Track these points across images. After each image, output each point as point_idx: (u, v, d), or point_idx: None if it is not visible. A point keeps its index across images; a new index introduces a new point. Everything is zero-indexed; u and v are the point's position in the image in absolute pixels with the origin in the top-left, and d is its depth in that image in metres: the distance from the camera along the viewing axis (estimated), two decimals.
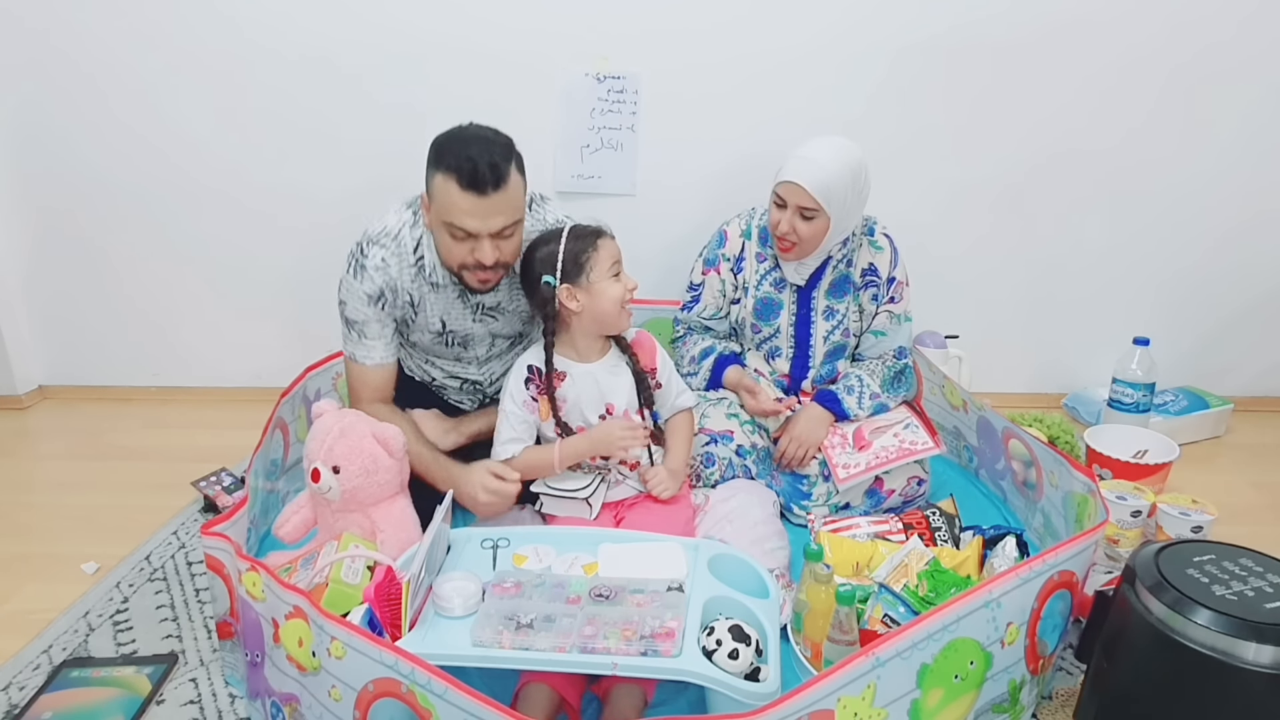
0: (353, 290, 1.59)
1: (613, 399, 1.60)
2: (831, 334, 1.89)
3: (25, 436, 2.29)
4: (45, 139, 2.24)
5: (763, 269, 1.89)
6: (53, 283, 2.39)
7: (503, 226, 1.47)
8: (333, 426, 1.45)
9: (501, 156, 1.44)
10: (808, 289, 1.87)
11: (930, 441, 1.77)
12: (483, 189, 1.41)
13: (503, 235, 1.48)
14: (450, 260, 1.53)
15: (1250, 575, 1.11)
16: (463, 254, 1.50)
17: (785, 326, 1.90)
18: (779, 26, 2.15)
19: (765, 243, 1.89)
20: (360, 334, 1.62)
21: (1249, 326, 2.42)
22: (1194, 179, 2.28)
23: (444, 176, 1.43)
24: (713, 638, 1.16)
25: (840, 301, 1.88)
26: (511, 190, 1.45)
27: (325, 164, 2.25)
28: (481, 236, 1.46)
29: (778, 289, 1.88)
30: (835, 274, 1.87)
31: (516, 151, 1.49)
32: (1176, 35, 2.15)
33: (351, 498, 1.45)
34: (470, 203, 1.42)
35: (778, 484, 1.81)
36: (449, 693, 0.96)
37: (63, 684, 1.32)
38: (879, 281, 1.88)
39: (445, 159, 1.43)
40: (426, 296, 1.63)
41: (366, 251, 1.58)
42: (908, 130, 2.23)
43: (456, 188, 1.42)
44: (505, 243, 1.50)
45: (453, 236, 1.48)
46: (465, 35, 2.15)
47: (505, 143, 1.48)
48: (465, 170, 1.41)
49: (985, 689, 1.15)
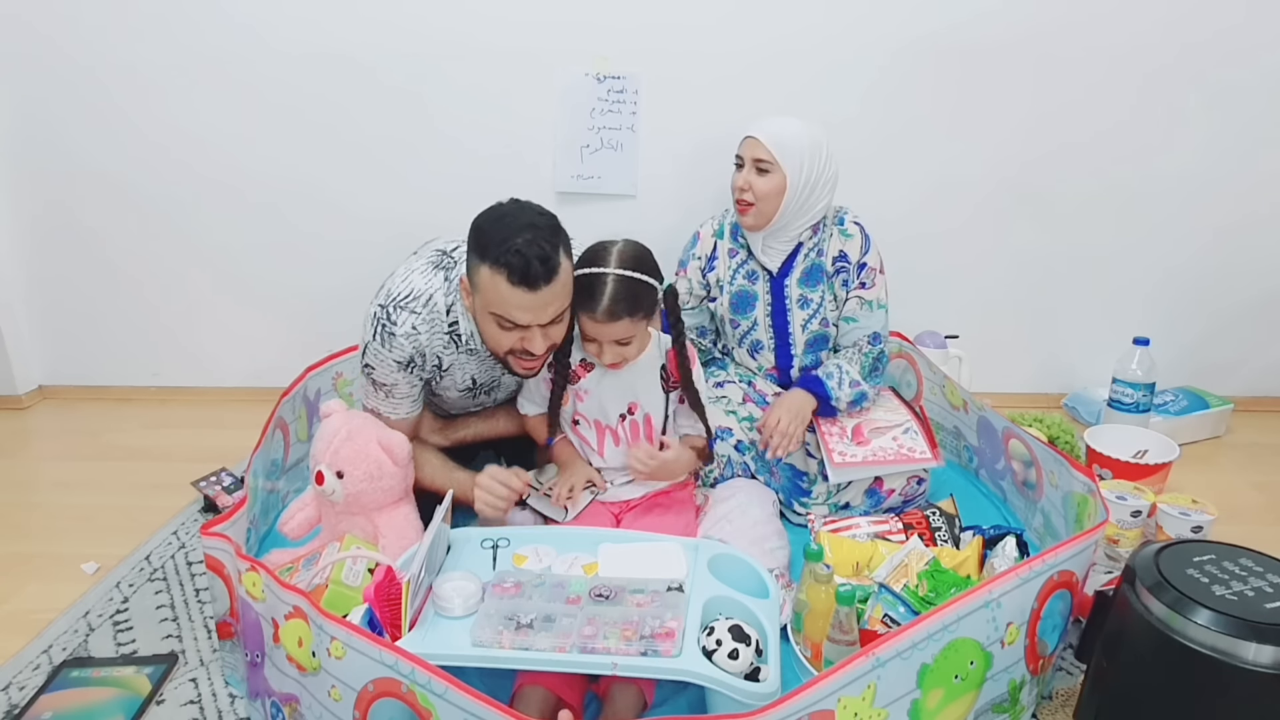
0: (381, 358, 1.52)
1: (637, 398, 1.59)
2: (809, 322, 1.90)
3: (25, 436, 2.30)
4: (45, 138, 2.24)
5: (735, 263, 1.91)
6: (53, 282, 2.39)
7: (554, 316, 1.41)
8: (340, 429, 1.45)
9: (551, 246, 1.35)
10: (780, 278, 1.88)
11: (929, 453, 1.76)
12: (535, 285, 1.34)
13: (553, 323, 1.43)
14: (497, 348, 1.47)
15: (1250, 575, 1.11)
16: (510, 342, 1.43)
17: (762, 318, 1.91)
18: (779, 26, 2.15)
19: (735, 238, 1.91)
20: (388, 394, 1.56)
21: (1249, 326, 2.43)
22: (1194, 178, 2.28)
23: (491, 270, 1.35)
24: (713, 638, 1.16)
25: (814, 290, 1.89)
26: (562, 279, 1.38)
27: (327, 164, 2.25)
28: (532, 327, 1.40)
29: (751, 281, 1.90)
30: (807, 262, 1.88)
31: (563, 232, 1.41)
32: (1176, 34, 2.15)
33: (355, 502, 1.45)
34: (521, 298, 1.35)
35: (777, 481, 1.81)
36: (449, 692, 0.96)
37: (63, 684, 1.32)
38: (849, 267, 1.88)
39: (491, 251, 1.34)
40: (458, 360, 1.58)
41: (395, 318, 1.51)
42: (908, 130, 2.23)
43: (506, 284, 1.34)
44: (554, 328, 1.44)
45: (500, 327, 1.41)
46: (468, 32, 2.15)
47: (552, 226, 1.39)
48: (516, 266, 1.32)
49: (985, 689, 1.15)
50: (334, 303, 2.30)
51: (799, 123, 1.80)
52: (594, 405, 1.58)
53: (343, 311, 2.15)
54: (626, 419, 1.59)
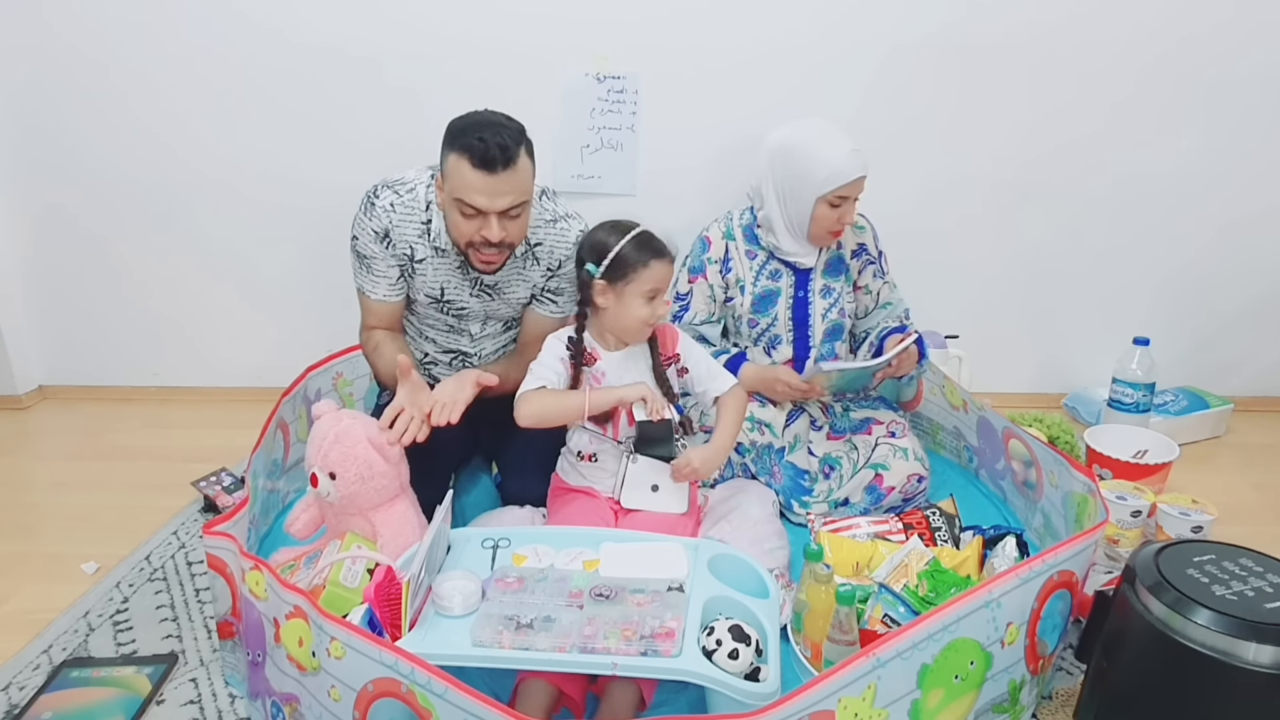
0: (363, 226, 1.67)
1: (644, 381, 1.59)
2: (829, 312, 1.91)
3: (25, 436, 2.30)
4: (45, 136, 2.24)
5: (756, 265, 1.90)
6: (53, 282, 2.39)
7: (510, 205, 1.53)
8: (328, 432, 1.45)
9: (512, 140, 1.51)
10: (807, 270, 1.90)
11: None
12: (493, 168, 1.49)
13: (509, 215, 1.55)
14: (459, 237, 1.60)
15: (1250, 575, 1.11)
16: (470, 231, 1.56)
17: (783, 313, 1.91)
18: (779, 25, 2.15)
19: (752, 240, 1.91)
20: (368, 268, 1.69)
21: (1249, 326, 2.43)
22: (1195, 178, 2.28)
23: (457, 156, 1.50)
24: (713, 638, 1.16)
25: (836, 280, 1.92)
26: (520, 172, 1.52)
27: (327, 163, 2.25)
28: (489, 214, 1.52)
29: (774, 280, 1.90)
30: (829, 253, 1.92)
31: (527, 138, 1.56)
32: (1176, 34, 2.15)
33: (350, 502, 1.44)
34: (481, 181, 1.50)
35: (778, 481, 1.81)
36: (449, 692, 0.96)
37: (63, 684, 1.32)
38: (872, 256, 1.97)
39: (459, 139, 1.51)
40: (430, 259, 1.69)
41: (379, 194, 1.66)
42: (908, 128, 2.23)
43: (468, 166, 1.49)
44: (511, 223, 1.56)
45: (462, 214, 1.54)
46: (469, 31, 2.15)
47: (517, 128, 1.55)
48: (477, 150, 1.48)
49: (985, 689, 1.15)
50: (334, 303, 2.29)
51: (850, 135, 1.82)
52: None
53: (343, 311, 2.14)
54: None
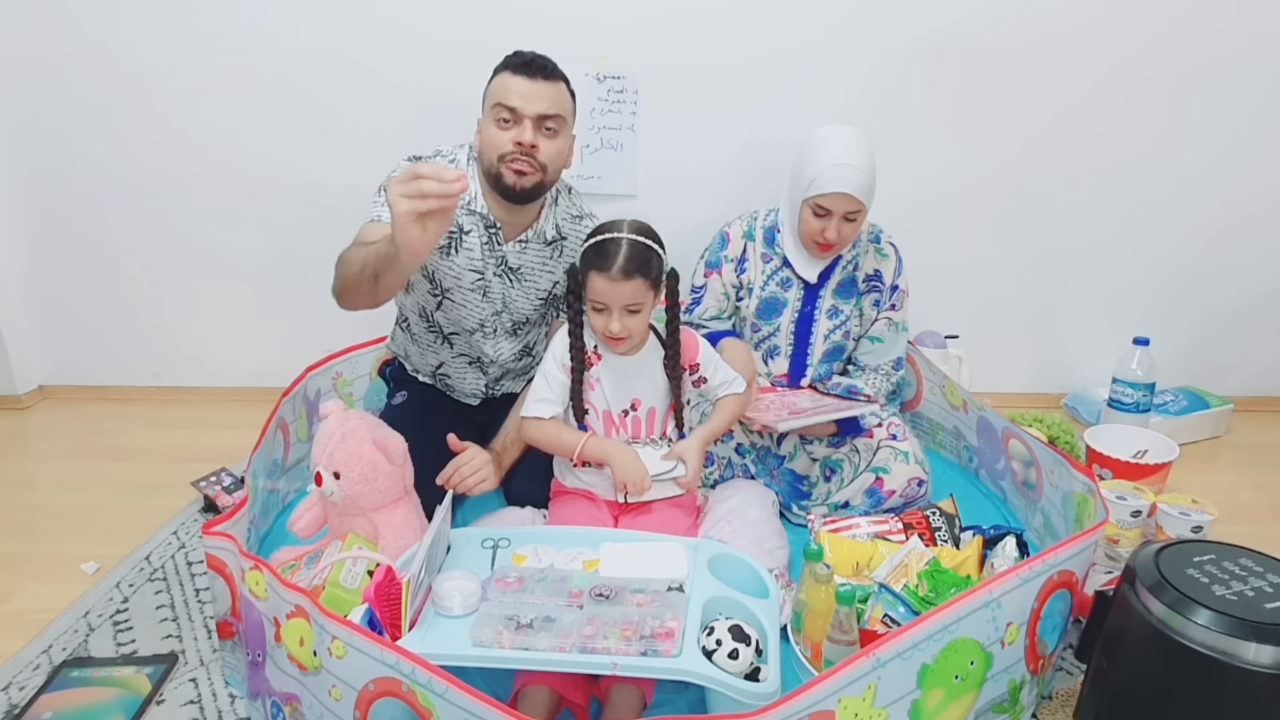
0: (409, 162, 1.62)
1: (639, 394, 1.58)
2: (832, 333, 1.89)
3: (25, 436, 2.29)
4: (44, 136, 2.24)
5: (769, 269, 1.89)
6: (53, 282, 2.39)
7: (545, 112, 1.55)
8: (335, 431, 1.45)
9: (554, 64, 1.58)
10: (816, 287, 1.88)
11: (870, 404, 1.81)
12: (533, 74, 1.54)
13: (545, 128, 1.56)
14: (492, 150, 1.57)
15: (1250, 575, 1.11)
16: (504, 141, 1.55)
17: (786, 325, 1.89)
18: (779, 25, 2.15)
19: (770, 243, 1.89)
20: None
21: (1249, 326, 2.43)
22: (1194, 178, 2.28)
23: (500, 72, 1.57)
24: (712, 638, 1.16)
25: (846, 302, 1.89)
26: (559, 89, 1.58)
27: (327, 163, 2.25)
28: (525, 119, 1.54)
29: (784, 288, 1.88)
30: (844, 274, 1.88)
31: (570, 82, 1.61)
32: (1176, 33, 2.15)
33: (353, 502, 1.44)
34: (520, 84, 1.53)
35: (777, 483, 1.81)
36: (450, 692, 0.96)
37: (63, 684, 1.32)
38: (882, 288, 1.91)
39: (505, 61, 1.57)
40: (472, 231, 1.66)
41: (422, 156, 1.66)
42: (909, 128, 2.23)
43: (509, 73, 1.55)
44: (546, 139, 1.57)
45: (498, 123, 1.55)
46: (469, 31, 2.14)
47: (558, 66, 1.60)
48: (522, 58, 1.55)
49: (985, 689, 1.15)
50: (334, 302, 2.30)
51: (865, 148, 1.74)
52: (601, 397, 1.59)
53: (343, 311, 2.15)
54: (629, 414, 1.59)
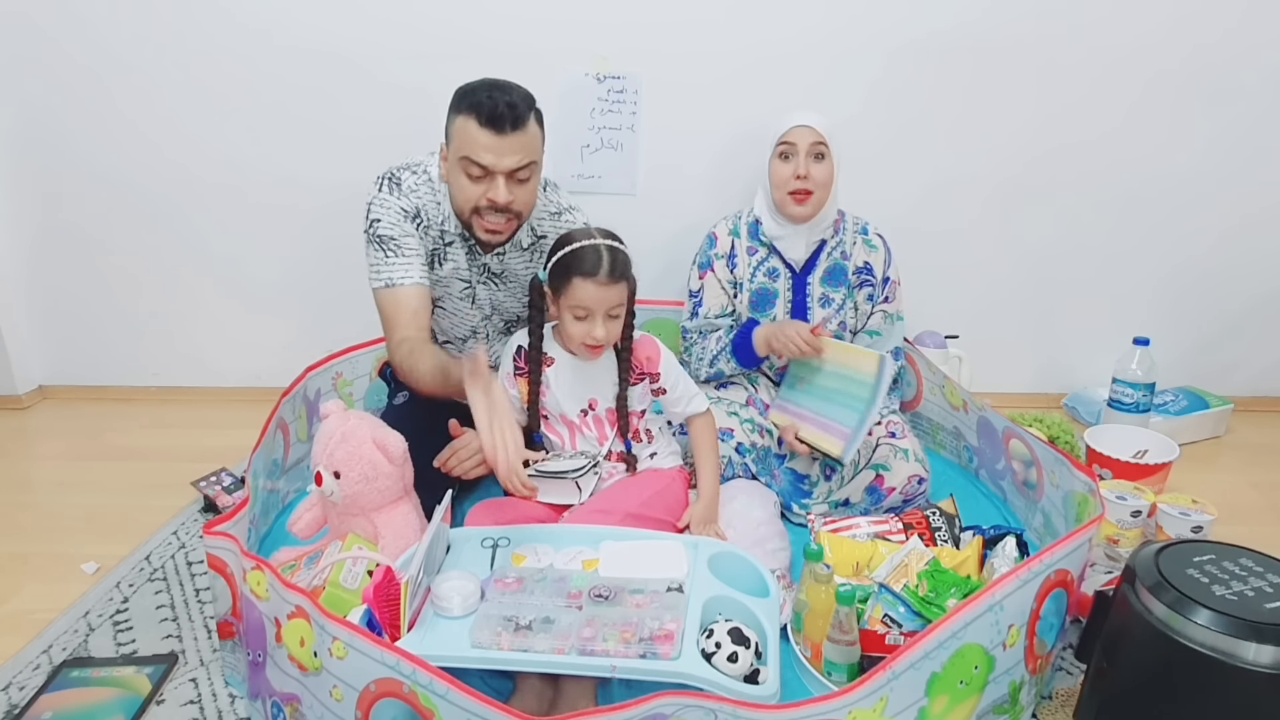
0: (387, 205, 1.57)
1: (596, 394, 1.59)
2: (829, 323, 1.89)
3: (25, 436, 2.29)
4: (45, 137, 2.24)
5: (755, 261, 1.90)
6: (53, 282, 2.38)
7: (518, 165, 1.48)
8: (335, 431, 1.45)
9: (521, 100, 1.47)
10: (803, 275, 1.88)
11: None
12: (501, 127, 1.44)
13: (517, 178, 1.49)
14: (464, 203, 1.52)
15: (1250, 575, 1.11)
16: (476, 195, 1.50)
17: (781, 316, 1.90)
18: (779, 24, 2.15)
19: (755, 235, 1.90)
20: (396, 250, 1.55)
21: (1249, 326, 2.43)
22: (1195, 179, 2.28)
23: (464, 116, 1.46)
24: (712, 640, 1.16)
25: (836, 290, 1.89)
26: (529, 134, 1.48)
27: (327, 163, 2.25)
28: (496, 175, 1.47)
29: (772, 278, 1.89)
30: (830, 261, 1.89)
31: (537, 107, 1.51)
32: (1175, 33, 2.15)
33: (353, 502, 1.45)
34: (488, 139, 1.45)
35: (778, 484, 1.81)
36: (451, 693, 0.96)
37: (63, 684, 1.32)
38: (874, 281, 1.91)
39: (465, 99, 1.47)
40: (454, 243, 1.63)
41: (399, 176, 1.58)
42: (910, 129, 2.23)
43: (475, 124, 1.45)
44: (519, 188, 1.50)
45: (468, 175, 1.49)
46: (468, 31, 2.14)
47: (527, 95, 1.50)
48: (485, 108, 1.44)
49: (987, 691, 1.15)
50: (334, 303, 2.30)
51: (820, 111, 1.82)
52: (555, 401, 1.59)
53: (343, 311, 2.16)
54: (588, 414, 1.60)
